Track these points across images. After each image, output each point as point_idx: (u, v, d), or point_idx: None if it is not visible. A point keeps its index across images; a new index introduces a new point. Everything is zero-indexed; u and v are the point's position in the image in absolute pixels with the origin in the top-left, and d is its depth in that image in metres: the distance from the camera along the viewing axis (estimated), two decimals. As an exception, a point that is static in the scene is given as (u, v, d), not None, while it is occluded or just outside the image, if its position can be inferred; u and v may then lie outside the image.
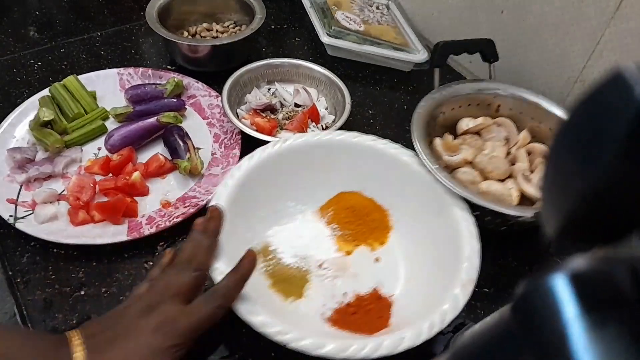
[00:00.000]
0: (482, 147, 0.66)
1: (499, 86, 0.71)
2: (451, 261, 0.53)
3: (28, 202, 0.63)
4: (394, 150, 0.62)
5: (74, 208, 0.62)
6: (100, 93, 0.77)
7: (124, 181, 0.64)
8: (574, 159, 0.20)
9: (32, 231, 0.58)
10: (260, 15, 0.84)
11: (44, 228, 0.60)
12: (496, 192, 0.61)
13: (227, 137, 0.74)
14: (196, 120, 0.77)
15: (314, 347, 0.45)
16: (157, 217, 0.62)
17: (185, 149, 0.69)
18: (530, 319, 0.20)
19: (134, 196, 0.65)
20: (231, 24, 0.91)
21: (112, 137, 0.70)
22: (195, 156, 0.68)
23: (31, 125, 0.70)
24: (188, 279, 0.47)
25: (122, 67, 0.81)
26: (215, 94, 0.79)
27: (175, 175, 0.69)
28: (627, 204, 0.19)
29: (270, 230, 0.61)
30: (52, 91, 0.74)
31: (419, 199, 0.60)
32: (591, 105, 0.20)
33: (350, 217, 0.63)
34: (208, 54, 0.82)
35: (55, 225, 0.61)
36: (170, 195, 0.66)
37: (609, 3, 0.66)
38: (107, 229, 0.61)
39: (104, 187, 0.64)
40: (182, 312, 0.45)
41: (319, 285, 0.57)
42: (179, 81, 0.78)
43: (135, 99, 0.77)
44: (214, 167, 0.70)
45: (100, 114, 0.74)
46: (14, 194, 0.63)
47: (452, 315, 0.48)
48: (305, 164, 0.63)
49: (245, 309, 0.47)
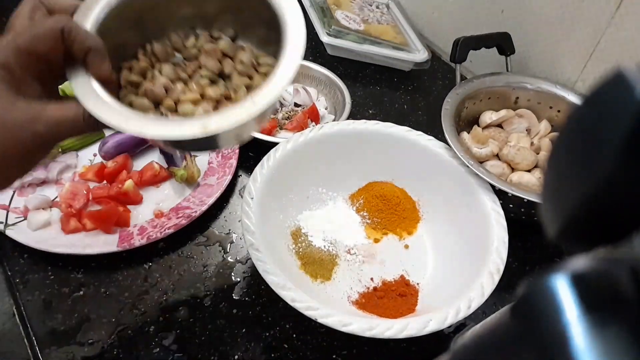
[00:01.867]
0: (506, 139, 0.68)
1: (517, 78, 0.73)
2: (479, 252, 0.54)
3: (20, 208, 0.62)
4: (427, 141, 0.63)
5: (66, 216, 0.61)
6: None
7: (117, 189, 0.63)
8: (575, 159, 0.20)
9: (22, 239, 0.58)
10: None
11: (34, 236, 0.59)
12: (528, 182, 0.63)
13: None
14: None
15: (341, 324, 0.46)
16: (149, 227, 0.61)
17: (182, 157, 0.68)
18: (530, 319, 0.20)
19: (126, 205, 0.64)
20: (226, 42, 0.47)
21: (107, 144, 0.69)
22: (192, 164, 0.68)
23: None
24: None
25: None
26: None
27: (170, 184, 0.68)
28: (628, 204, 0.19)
29: (302, 214, 0.63)
30: None
31: (449, 191, 0.62)
32: (592, 105, 0.19)
33: (380, 205, 0.64)
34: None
35: (46, 233, 0.60)
36: (164, 205, 0.65)
37: (610, 2, 0.66)
38: (97, 239, 0.60)
39: (97, 195, 0.64)
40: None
41: (347, 269, 0.59)
42: None
43: None
44: (209, 177, 0.68)
45: None
46: (6, 199, 0.63)
47: (477, 303, 0.49)
48: (338, 152, 0.64)
49: (278, 284, 0.48)
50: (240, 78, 0.43)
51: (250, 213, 0.53)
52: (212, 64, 0.43)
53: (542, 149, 0.67)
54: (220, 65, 0.43)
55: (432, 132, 0.65)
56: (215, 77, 0.43)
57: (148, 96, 0.41)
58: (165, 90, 0.41)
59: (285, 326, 0.55)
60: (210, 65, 0.43)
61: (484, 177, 0.58)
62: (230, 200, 0.67)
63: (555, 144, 0.21)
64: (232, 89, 0.42)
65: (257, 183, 0.56)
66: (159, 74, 0.42)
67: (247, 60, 0.43)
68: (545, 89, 0.72)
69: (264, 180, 0.57)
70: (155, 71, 0.43)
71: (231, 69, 0.44)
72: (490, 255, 0.53)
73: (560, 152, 0.21)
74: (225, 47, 0.44)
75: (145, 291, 0.56)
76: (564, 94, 0.71)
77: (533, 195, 0.57)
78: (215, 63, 0.43)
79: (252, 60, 0.44)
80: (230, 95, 0.42)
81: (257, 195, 0.55)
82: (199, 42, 0.45)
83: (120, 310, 0.54)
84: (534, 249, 0.65)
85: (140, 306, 0.55)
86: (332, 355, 0.54)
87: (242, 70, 0.43)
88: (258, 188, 0.56)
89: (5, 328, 0.54)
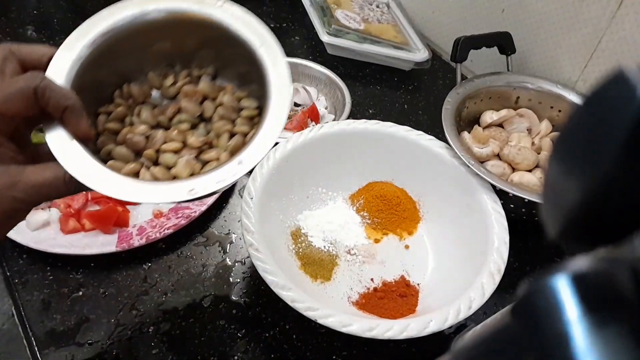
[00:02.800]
0: (506, 139, 0.68)
1: (517, 78, 0.73)
2: (480, 253, 0.54)
3: None
4: (427, 141, 0.63)
5: (64, 216, 0.61)
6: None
7: None
8: (576, 159, 0.20)
9: (21, 239, 0.58)
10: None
11: (33, 236, 0.59)
12: (529, 183, 0.62)
13: None
14: None
15: (341, 324, 0.46)
16: (148, 227, 0.61)
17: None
18: (531, 319, 0.19)
19: (125, 205, 0.64)
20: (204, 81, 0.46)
21: None
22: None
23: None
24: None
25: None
26: None
27: None
28: (628, 204, 0.19)
29: (302, 214, 0.63)
30: None
31: (449, 191, 0.62)
32: (593, 105, 0.19)
33: (380, 206, 0.64)
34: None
35: (45, 233, 0.60)
36: (163, 205, 0.65)
37: (610, 2, 0.66)
38: (96, 239, 0.59)
39: (95, 195, 0.63)
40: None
41: (347, 269, 0.59)
42: None
43: None
44: None
45: None
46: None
47: (478, 303, 0.49)
48: (338, 151, 0.64)
49: (278, 284, 0.48)
50: (221, 122, 0.42)
51: (250, 213, 0.53)
52: (192, 108, 0.42)
53: (543, 148, 0.67)
54: (200, 107, 0.42)
55: (433, 132, 0.65)
56: (195, 120, 0.42)
57: (127, 145, 0.40)
58: (145, 138, 0.40)
59: (285, 327, 0.55)
60: (191, 109, 0.42)
61: (485, 177, 0.58)
62: (229, 201, 0.67)
63: (556, 144, 0.21)
64: (214, 135, 0.41)
65: (257, 183, 0.56)
66: (138, 119, 0.41)
67: (228, 103, 0.42)
68: (546, 88, 0.71)
69: (263, 180, 0.57)
70: (134, 117, 0.42)
71: (212, 112, 0.42)
72: (491, 256, 0.52)
73: (561, 152, 0.21)
74: (205, 89, 0.43)
75: (144, 291, 0.56)
76: (564, 94, 0.70)
77: (534, 195, 0.57)
78: (195, 106, 0.42)
79: (233, 102, 0.43)
80: (212, 143, 0.41)
81: (256, 195, 0.55)
82: (178, 82, 0.44)
83: (120, 311, 0.54)
84: (534, 249, 0.65)
85: (140, 307, 0.55)
86: (332, 356, 0.53)
87: (224, 114, 0.42)
88: (258, 188, 0.56)
89: (4, 328, 0.53)
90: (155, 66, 0.44)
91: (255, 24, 0.42)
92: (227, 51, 0.43)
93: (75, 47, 0.39)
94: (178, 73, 0.45)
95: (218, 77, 0.45)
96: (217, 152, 0.40)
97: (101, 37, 0.41)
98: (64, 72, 0.38)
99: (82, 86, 0.38)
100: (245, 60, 0.42)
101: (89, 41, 0.40)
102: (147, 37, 0.42)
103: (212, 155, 0.40)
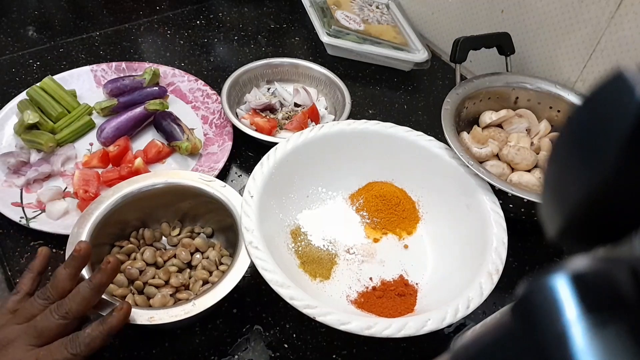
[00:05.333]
0: (506, 139, 0.68)
1: (517, 78, 0.73)
2: (478, 252, 0.54)
3: (33, 203, 0.63)
4: (427, 141, 0.63)
5: (83, 200, 0.62)
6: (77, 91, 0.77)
7: (127, 169, 0.66)
8: (576, 159, 0.20)
9: (49, 228, 0.59)
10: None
11: (58, 224, 0.60)
12: (528, 183, 0.62)
13: (215, 117, 0.76)
14: (180, 105, 0.78)
15: (339, 322, 0.46)
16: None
17: (181, 131, 0.70)
18: (530, 319, 0.19)
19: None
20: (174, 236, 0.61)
21: (104, 130, 0.71)
22: (192, 136, 0.71)
23: (16, 130, 0.70)
24: (51, 324, 0.42)
25: (94, 64, 0.81)
26: (194, 78, 0.81)
27: (174, 158, 0.71)
28: (628, 204, 0.19)
29: (302, 213, 0.63)
30: (30, 94, 0.73)
31: (449, 191, 0.62)
32: (592, 106, 0.19)
33: (380, 205, 0.64)
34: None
35: (68, 220, 0.61)
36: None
37: (610, 2, 0.66)
38: None
39: (107, 179, 0.65)
40: (31, 357, 0.41)
41: (346, 268, 0.59)
42: (155, 70, 0.79)
43: (116, 92, 0.77)
44: (210, 146, 0.72)
45: (85, 110, 0.74)
46: (15, 198, 0.63)
47: (476, 303, 0.49)
48: (338, 151, 0.64)
49: (277, 282, 0.48)
50: (201, 272, 0.55)
51: (250, 212, 0.54)
52: (184, 256, 0.56)
53: (542, 149, 0.67)
54: (190, 257, 0.56)
55: (432, 132, 0.65)
56: (183, 266, 0.56)
57: (125, 274, 0.53)
58: (139, 272, 0.53)
59: (285, 326, 0.55)
60: (182, 257, 0.56)
61: (484, 177, 0.58)
62: (230, 200, 0.67)
63: (556, 144, 0.21)
64: (194, 280, 0.54)
65: (257, 182, 0.56)
66: (140, 256, 0.55)
67: (212, 258, 0.56)
68: (545, 89, 0.71)
69: (263, 179, 0.57)
70: (139, 254, 0.55)
71: (198, 262, 0.56)
72: (490, 256, 0.53)
73: (561, 152, 0.21)
74: (200, 243, 0.57)
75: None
76: (564, 94, 0.70)
77: (533, 195, 0.57)
78: (187, 255, 0.56)
79: (216, 258, 0.56)
80: (189, 285, 0.54)
81: (256, 194, 0.55)
82: (180, 234, 0.59)
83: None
84: (534, 249, 0.65)
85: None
86: (332, 355, 0.54)
87: (206, 265, 0.55)
88: (258, 187, 0.56)
89: (5, 328, 0.53)
90: (171, 219, 0.60)
91: (236, 195, 0.56)
92: (222, 220, 0.57)
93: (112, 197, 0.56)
94: (184, 227, 0.60)
95: (214, 235, 0.60)
96: (187, 294, 0.53)
97: (131, 194, 0.56)
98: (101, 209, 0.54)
99: (108, 222, 0.54)
100: (232, 230, 0.55)
101: (122, 194, 0.56)
102: (163, 199, 0.58)
103: (184, 295, 0.52)
